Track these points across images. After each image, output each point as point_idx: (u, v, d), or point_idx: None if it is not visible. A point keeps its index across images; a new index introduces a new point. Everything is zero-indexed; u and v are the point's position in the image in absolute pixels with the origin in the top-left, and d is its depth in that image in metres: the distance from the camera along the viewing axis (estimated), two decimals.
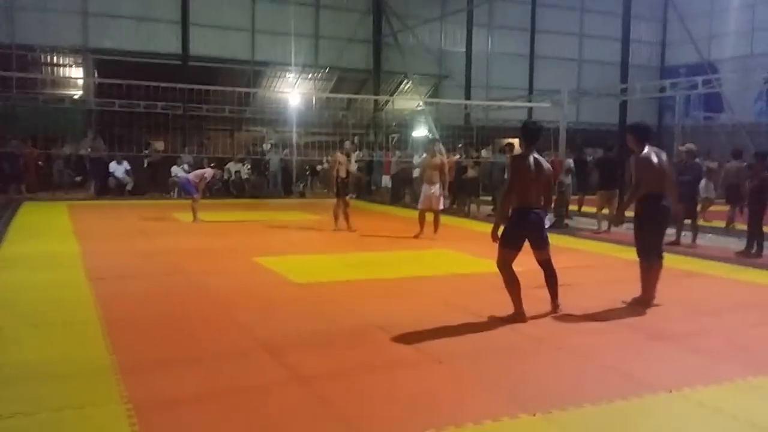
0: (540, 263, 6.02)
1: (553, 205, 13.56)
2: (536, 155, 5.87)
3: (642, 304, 6.43)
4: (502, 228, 5.78)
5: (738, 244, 10.40)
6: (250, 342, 5.03)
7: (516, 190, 5.77)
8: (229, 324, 5.55)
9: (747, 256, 9.67)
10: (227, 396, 3.91)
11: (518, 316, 5.74)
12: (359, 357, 4.77)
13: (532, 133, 5.96)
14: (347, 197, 12.25)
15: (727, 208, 13.32)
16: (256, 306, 6.27)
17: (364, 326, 5.51)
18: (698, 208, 11.87)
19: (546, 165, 5.93)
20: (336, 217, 12.16)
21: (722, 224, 13.04)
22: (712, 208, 14.37)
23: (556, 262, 8.78)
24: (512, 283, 5.79)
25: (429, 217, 11.32)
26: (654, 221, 6.41)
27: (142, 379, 4.16)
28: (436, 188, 11.23)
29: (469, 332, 5.42)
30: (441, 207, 11.43)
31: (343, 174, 12.06)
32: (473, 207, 15.86)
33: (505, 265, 5.82)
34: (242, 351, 4.81)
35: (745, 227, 10.27)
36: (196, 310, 6.05)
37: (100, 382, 4.08)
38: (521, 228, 5.76)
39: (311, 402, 3.90)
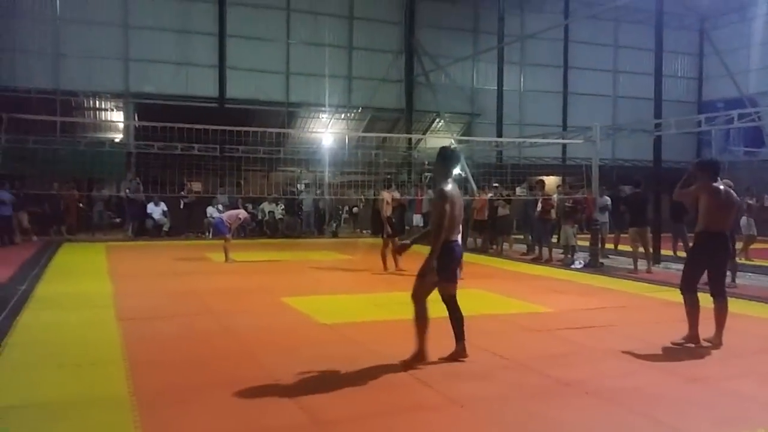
0: (443, 299, 5.65)
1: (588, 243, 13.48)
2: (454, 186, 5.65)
3: (689, 341, 6.26)
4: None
5: None
6: (271, 384, 4.98)
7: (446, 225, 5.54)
8: (252, 365, 5.53)
9: None
10: None
11: (420, 355, 5.47)
12: (380, 401, 4.68)
13: (447, 160, 5.73)
14: (396, 237, 11.87)
15: None
16: (280, 347, 6.24)
17: (387, 368, 5.42)
18: (738, 245, 11.54)
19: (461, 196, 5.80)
20: (384, 259, 11.90)
21: (765, 263, 12.63)
22: (755, 245, 13.95)
23: (589, 302, 8.59)
24: (423, 318, 5.53)
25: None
26: (707, 255, 6.28)
27: (160, 421, 4.14)
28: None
29: (494, 375, 5.30)
30: None
31: (388, 213, 12.02)
32: (506, 245, 15.66)
33: (422, 297, 5.57)
34: (263, 393, 4.77)
35: None
36: (220, 351, 6.05)
37: (117, 423, 4.08)
38: (456, 261, 5.71)
39: None
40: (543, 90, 27.46)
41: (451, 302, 5.65)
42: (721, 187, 6.32)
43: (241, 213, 14.06)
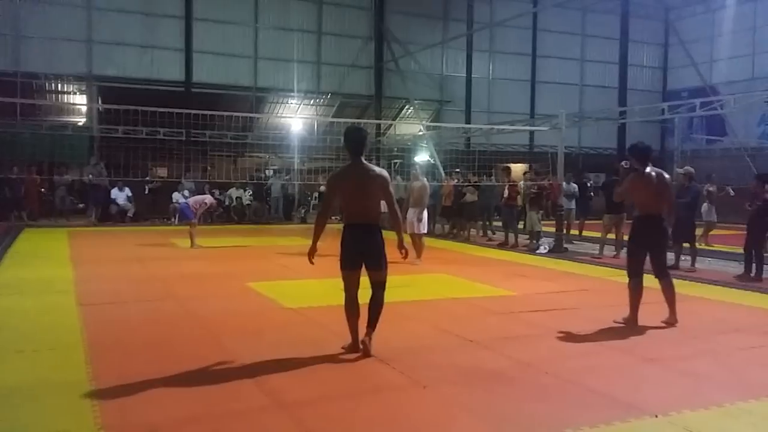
0: (371, 285, 5.35)
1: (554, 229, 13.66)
2: (365, 165, 5.29)
3: (629, 324, 6.44)
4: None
5: (738, 268, 10.28)
6: (235, 367, 4.96)
7: (330, 208, 5.44)
8: (216, 349, 5.49)
9: (746, 280, 9.56)
10: (205, 422, 3.85)
11: (354, 346, 5.29)
12: (343, 382, 4.70)
13: (354, 140, 5.32)
14: None
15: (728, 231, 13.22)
16: (244, 330, 6.22)
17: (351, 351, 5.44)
18: (698, 231, 11.80)
19: (374, 172, 5.28)
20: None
21: (724, 248, 12.92)
22: (714, 231, 14.26)
23: (552, 286, 8.73)
24: (350, 309, 5.30)
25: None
26: (644, 240, 6.51)
27: (119, 405, 4.10)
28: (415, 212, 11.31)
29: (457, 356, 5.35)
30: (422, 231, 11.42)
31: None
32: (472, 231, 15.79)
33: (345, 289, 5.33)
34: (225, 376, 4.74)
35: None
36: (183, 335, 6.01)
37: (76, 408, 4.03)
38: (352, 245, 5.25)
39: (290, 429, 3.83)
40: (511, 78, 27.65)
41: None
42: (652, 172, 6.55)
43: (207, 198, 13.91)
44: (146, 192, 19.86)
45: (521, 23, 25.52)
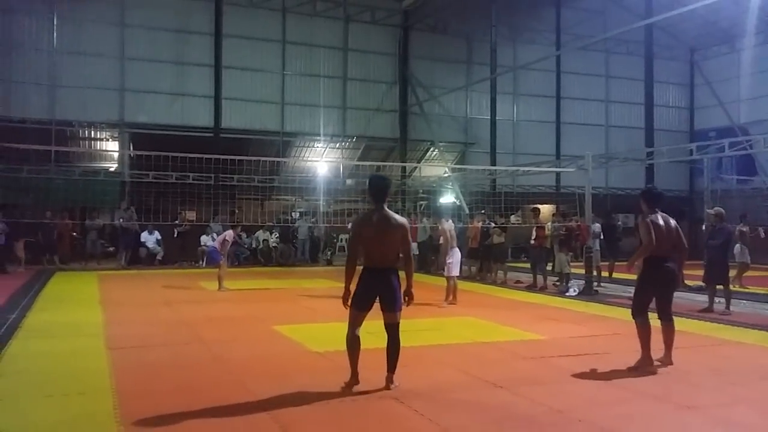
0: (385, 326, 5.59)
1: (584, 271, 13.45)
2: (387, 213, 5.50)
3: (642, 364, 6.38)
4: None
5: None
6: (261, 412, 4.92)
7: (357, 252, 5.56)
8: (242, 394, 5.45)
9: None
10: None
11: (353, 380, 5.52)
12: (370, 428, 4.63)
13: (376, 189, 5.60)
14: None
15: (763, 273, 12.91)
16: (270, 375, 6.18)
17: (378, 397, 5.37)
18: (732, 273, 11.54)
19: (395, 221, 5.48)
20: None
21: (759, 290, 12.61)
22: (748, 273, 13.95)
23: (582, 330, 8.57)
24: (351, 345, 5.52)
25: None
26: (653, 282, 6.51)
27: None
28: (448, 255, 11.35)
29: (487, 402, 5.25)
30: (453, 274, 11.38)
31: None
32: (500, 273, 15.63)
33: (349, 325, 5.57)
34: (252, 422, 4.71)
35: None
36: (210, 380, 5.98)
37: None
38: (368, 288, 5.46)
39: None
40: (536, 120, 27.71)
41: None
42: (659, 217, 6.57)
43: (227, 234, 13.82)
44: (175, 235, 20.09)
45: (545, 66, 25.68)
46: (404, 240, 5.52)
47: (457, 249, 11.67)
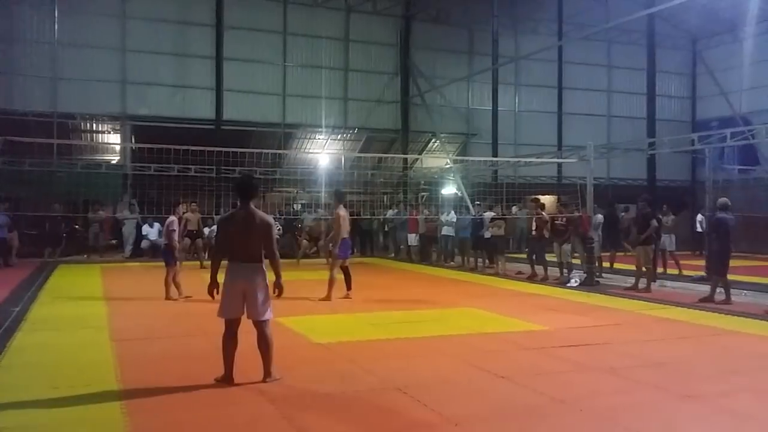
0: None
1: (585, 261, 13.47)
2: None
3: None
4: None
5: None
6: (266, 404, 4.98)
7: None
8: (246, 385, 5.51)
9: None
10: None
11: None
12: (374, 419, 4.67)
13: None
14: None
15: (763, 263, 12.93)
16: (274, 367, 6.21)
17: (382, 387, 5.42)
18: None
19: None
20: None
21: (760, 280, 12.63)
22: (748, 263, 13.97)
23: (584, 320, 8.60)
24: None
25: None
26: None
27: None
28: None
29: (489, 393, 5.29)
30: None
31: (345, 232, 11.03)
32: (500, 264, 15.65)
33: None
34: (257, 413, 4.76)
35: None
36: (214, 371, 6.00)
37: None
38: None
39: None
40: (538, 110, 27.65)
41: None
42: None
43: (170, 222, 11.20)
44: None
45: (546, 56, 25.60)
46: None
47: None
